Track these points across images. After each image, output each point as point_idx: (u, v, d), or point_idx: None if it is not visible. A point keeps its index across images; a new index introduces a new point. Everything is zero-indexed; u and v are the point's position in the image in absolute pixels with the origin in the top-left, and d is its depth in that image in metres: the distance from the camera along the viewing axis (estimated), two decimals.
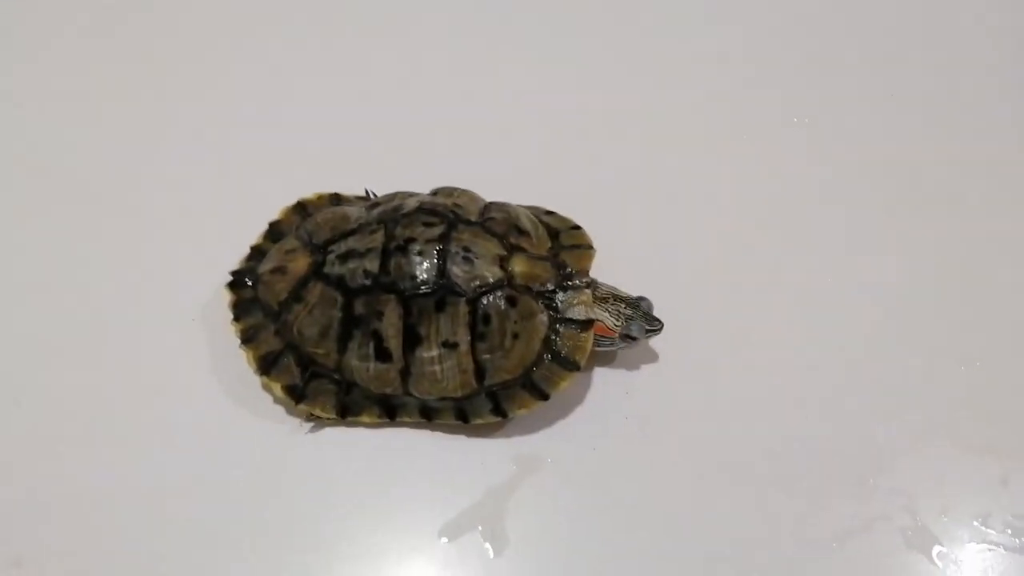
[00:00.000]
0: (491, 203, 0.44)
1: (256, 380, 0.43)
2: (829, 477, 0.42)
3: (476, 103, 0.56)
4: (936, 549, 0.40)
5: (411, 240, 0.40)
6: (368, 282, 0.40)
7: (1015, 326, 0.47)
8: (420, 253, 0.40)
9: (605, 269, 0.43)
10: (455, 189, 0.44)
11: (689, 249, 0.49)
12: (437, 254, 0.40)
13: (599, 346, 0.42)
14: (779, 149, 0.54)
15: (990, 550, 0.40)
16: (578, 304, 0.41)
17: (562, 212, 0.46)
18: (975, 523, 0.41)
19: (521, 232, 0.42)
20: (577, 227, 0.45)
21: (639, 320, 0.42)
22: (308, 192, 0.47)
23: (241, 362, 0.42)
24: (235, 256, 0.45)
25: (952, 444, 0.43)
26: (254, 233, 0.46)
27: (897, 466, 0.42)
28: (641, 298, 0.42)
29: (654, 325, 0.42)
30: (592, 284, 0.42)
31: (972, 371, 0.45)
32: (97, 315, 0.46)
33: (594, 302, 0.42)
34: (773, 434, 0.43)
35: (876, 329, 0.47)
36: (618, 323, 0.41)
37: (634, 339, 0.42)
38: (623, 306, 0.42)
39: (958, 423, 0.44)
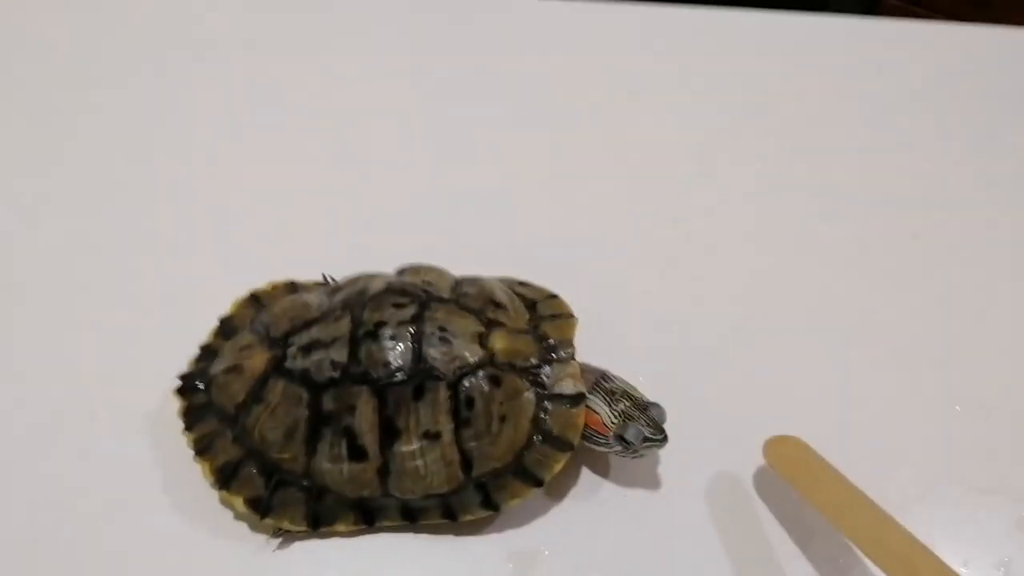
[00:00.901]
0: (462, 278, 0.41)
1: (214, 495, 0.39)
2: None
3: (433, 177, 0.55)
4: None
5: (381, 324, 0.37)
6: (336, 374, 0.37)
7: (1019, 365, 0.47)
8: (393, 337, 0.37)
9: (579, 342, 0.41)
10: (421, 266, 0.42)
11: (666, 313, 0.48)
12: (411, 336, 0.37)
13: (592, 443, 0.39)
14: (756, 202, 0.55)
15: None
16: (566, 377, 0.38)
17: (534, 282, 0.44)
18: (999, 573, 0.39)
19: (498, 306, 0.40)
20: (554, 295, 0.43)
21: (639, 424, 0.37)
22: (261, 282, 0.44)
23: (196, 476, 0.38)
24: (182, 358, 0.42)
25: (963, 489, 0.42)
26: (203, 331, 0.42)
27: (911, 517, 0.40)
28: (654, 404, 0.38)
29: (655, 436, 0.37)
30: (603, 376, 0.39)
31: (975, 413, 0.44)
32: (28, 439, 0.41)
33: (596, 393, 0.38)
34: (784, 494, 0.40)
35: (878, 376, 0.46)
36: (615, 421, 0.38)
37: (629, 444, 0.38)
38: (628, 404, 0.38)
39: (967, 468, 0.42)
